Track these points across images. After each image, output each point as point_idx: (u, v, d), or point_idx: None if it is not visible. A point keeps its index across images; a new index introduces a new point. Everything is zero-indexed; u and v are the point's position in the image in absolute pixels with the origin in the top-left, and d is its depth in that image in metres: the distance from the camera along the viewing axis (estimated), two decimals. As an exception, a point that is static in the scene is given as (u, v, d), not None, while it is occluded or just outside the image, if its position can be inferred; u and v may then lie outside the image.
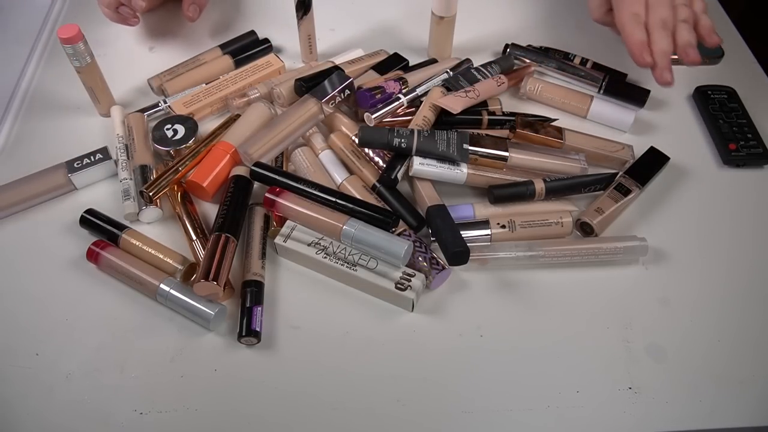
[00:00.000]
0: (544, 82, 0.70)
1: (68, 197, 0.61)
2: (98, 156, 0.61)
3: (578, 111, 0.68)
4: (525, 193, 0.57)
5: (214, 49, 0.73)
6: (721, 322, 0.53)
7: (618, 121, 0.67)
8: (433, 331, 0.52)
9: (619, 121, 0.67)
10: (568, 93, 0.69)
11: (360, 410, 0.48)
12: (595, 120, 0.68)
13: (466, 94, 0.62)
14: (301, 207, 0.55)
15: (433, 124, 0.62)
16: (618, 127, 0.67)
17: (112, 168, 0.62)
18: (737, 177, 0.64)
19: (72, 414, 0.48)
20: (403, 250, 0.51)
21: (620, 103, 0.69)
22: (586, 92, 0.69)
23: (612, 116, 0.67)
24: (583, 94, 0.68)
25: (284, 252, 0.56)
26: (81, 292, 0.55)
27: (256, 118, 0.63)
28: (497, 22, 0.79)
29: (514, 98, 0.71)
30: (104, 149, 0.62)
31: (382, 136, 0.57)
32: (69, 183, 0.60)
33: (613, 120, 0.67)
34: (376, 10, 0.80)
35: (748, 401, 0.49)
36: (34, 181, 0.60)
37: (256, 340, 0.51)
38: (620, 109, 0.67)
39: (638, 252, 0.56)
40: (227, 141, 0.60)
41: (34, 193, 0.59)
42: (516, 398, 0.49)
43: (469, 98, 0.62)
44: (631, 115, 0.66)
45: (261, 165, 0.58)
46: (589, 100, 0.67)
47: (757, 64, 0.75)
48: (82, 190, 0.62)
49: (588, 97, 0.68)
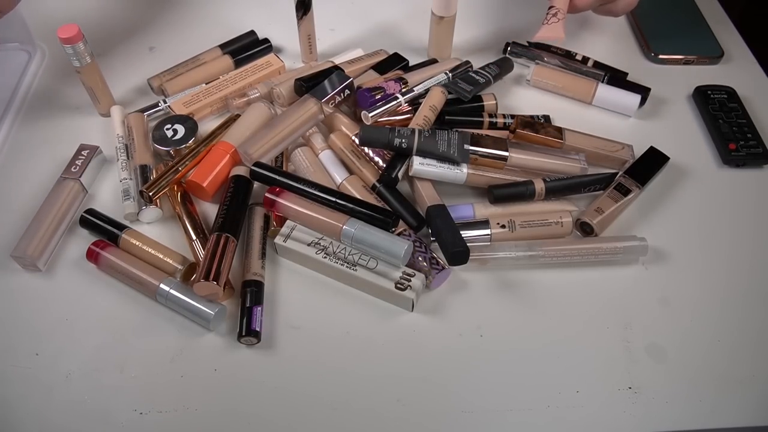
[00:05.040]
0: (549, 69, 0.71)
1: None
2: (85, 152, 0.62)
3: (584, 97, 0.69)
4: (525, 193, 0.57)
5: (214, 49, 0.73)
6: (721, 322, 0.53)
7: (623, 106, 0.68)
8: (433, 331, 0.52)
9: (624, 105, 0.68)
10: (574, 80, 0.70)
11: (360, 410, 0.48)
12: (601, 105, 0.69)
13: (553, 16, 0.63)
14: (300, 207, 0.55)
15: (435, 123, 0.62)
16: (623, 112, 0.68)
17: (104, 160, 0.63)
18: (737, 177, 0.64)
19: (72, 414, 0.48)
20: (402, 250, 0.51)
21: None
22: (590, 80, 0.70)
23: (617, 100, 0.68)
24: (588, 80, 0.70)
25: (284, 252, 0.56)
26: (81, 292, 0.55)
27: (256, 118, 0.63)
28: (497, 22, 0.79)
29: (518, 86, 0.71)
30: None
31: (383, 136, 0.57)
32: (82, 189, 0.60)
33: (619, 104, 0.68)
34: (376, 10, 0.80)
35: (748, 401, 0.49)
36: (54, 204, 0.58)
37: (256, 340, 0.51)
38: (625, 94, 0.68)
39: (638, 252, 0.56)
40: (227, 141, 0.60)
41: (61, 216, 0.58)
42: (516, 398, 0.49)
43: (559, 19, 0.63)
44: (636, 98, 0.67)
45: (261, 165, 0.58)
46: (594, 86, 0.69)
47: (757, 64, 0.75)
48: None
49: (593, 83, 0.69)
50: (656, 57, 0.74)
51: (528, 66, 0.73)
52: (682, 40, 0.76)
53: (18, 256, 0.54)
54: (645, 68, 0.74)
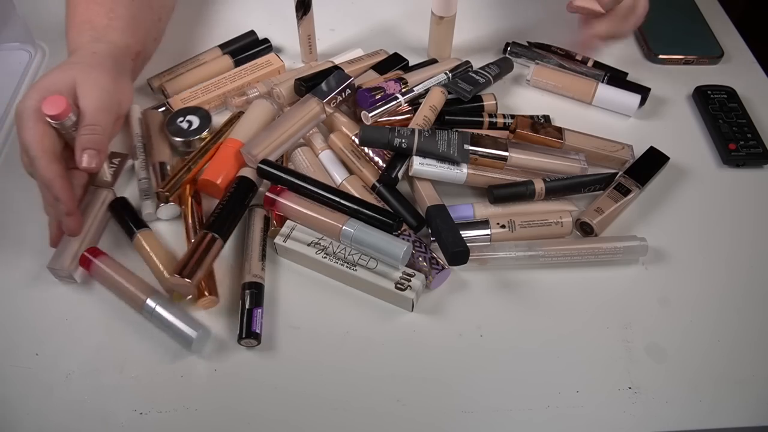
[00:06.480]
0: (548, 69, 0.71)
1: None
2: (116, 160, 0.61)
3: (584, 97, 0.69)
4: (525, 192, 0.57)
5: (214, 49, 0.73)
6: (721, 322, 0.53)
7: (623, 106, 0.68)
8: (433, 331, 0.52)
9: (624, 105, 0.68)
10: (574, 80, 0.70)
11: (360, 410, 0.48)
12: (601, 105, 0.69)
13: None
14: (301, 206, 0.55)
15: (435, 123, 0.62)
16: (623, 112, 0.68)
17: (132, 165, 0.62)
18: (737, 177, 0.64)
19: (72, 414, 0.48)
20: (402, 252, 0.51)
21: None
22: (590, 80, 0.70)
23: (617, 100, 0.68)
24: (588, 80, 0.70)
25: (284, 252, 0.56)
26: (81, 292, 0.55)
27: (260, 115, 0.63)
28: (497, 22, 0.79)
29: (518, 86, 0.71)
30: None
31: (383, 136, 0.57)
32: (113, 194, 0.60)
33: (619, 104, 0.68)
34: (376, 10, 0.80)
35: (748, 401, 0.49)
36: (89, 216, 0.57)
37: (257, 342, 0.51)
38: (625, 94, 0.68)
39: (638, 252, 0.56)
40: (235, 138, 0.60)
41: (96, 227, 0.57)
42: (516, 398, 0.49)
43: None
44: (636, 98, 0.67)
45: (268, 163, 0.58)
46: (594, 85, 0.68)
47: (757, 64, 0.75)
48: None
49: (593, 84, 0.69)
50: (656, 57, 0.74)
51: (528, 66, 0.73)
52: (682, 40, 0.76)
53: (54, 268, 0.54)
54: (645, 68, 0.74)
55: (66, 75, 0.54)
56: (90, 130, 0.52)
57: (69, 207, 0.52)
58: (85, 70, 0.55)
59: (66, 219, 0.53)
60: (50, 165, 0.51)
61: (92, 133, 0.53)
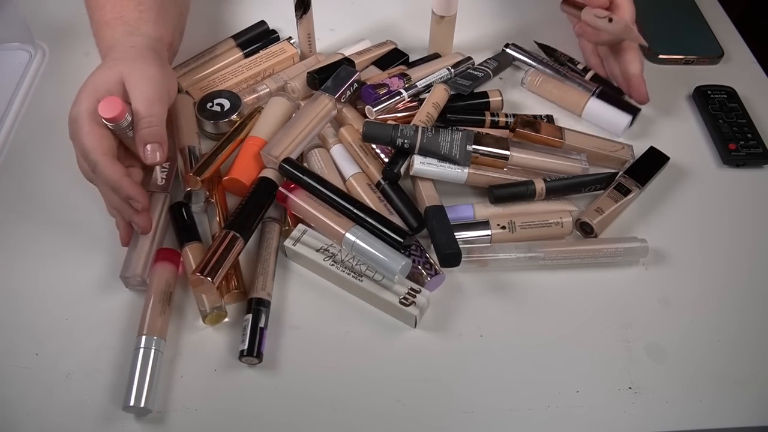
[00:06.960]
0: (543, 76, 0.70)
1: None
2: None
3: (574, 108, 0.68)
4: (525, 192, 0.57)
5: (227, 41, 0.73)
6: (721, 322, 0.53)
7: (611, 124, 0.66)
8: (433, 331, 0.52)
9: (612, 123, 0.66)
10: (567, 90, 0.69)
11: (360, 410, 0.48)
12: (590, 120, 0.68)
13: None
14: (310, 206, 0.55)
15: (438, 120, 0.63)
16: (611, 130, 0.66)
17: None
18: (737, 177, 0.64)
19: (72, 414, 0.48)
20: (399, 267, 0.50)
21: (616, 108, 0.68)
22: (583, 92, 0.69)
23: (606, 117, 0.66)
24: (580, 92, 0.68)
25: (293, 255, 0.55)
26: (81, 292, 0.55)
27: (279, 112, 0.63)
28: (497, 22, 0.79)
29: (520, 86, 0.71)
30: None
31: (386, 133, 0.57)
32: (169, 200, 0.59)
33: (607, 122, 0.66)
34: (375, 9, 0.80)
35: (748, 401, 0.49)
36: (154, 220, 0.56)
37: (258, 361, 0.50)
38: (615, 112, 0.66)
39: (638, 253, 0.56)
40: (257, 135, 0.61)
41: (161, 232, 0.56)
42: (516, 398, 0.49)
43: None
44: (626, 119, 0.65)
45: (289, 162, 0.57)
46: (585, 98, 0.67)
47: (757, 64, 0.75)
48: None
49: (585, 96, 0.67)
50: (656, 57, 0.74)
51: (524, 69, 0.72)
52: (682, 40, 0.76)
53: (126, 276, 0.53)
54: (645, 68, 0.73)
55: (112, 72, 0.53)
56: (148, 123, 0.52)
57: (143, 203, 0.52)
58: (130, 64, 0.54)
59: (137, 217, 0.52)
60: (114, 167, 0.51)
61: (150, 125, 0.52)
